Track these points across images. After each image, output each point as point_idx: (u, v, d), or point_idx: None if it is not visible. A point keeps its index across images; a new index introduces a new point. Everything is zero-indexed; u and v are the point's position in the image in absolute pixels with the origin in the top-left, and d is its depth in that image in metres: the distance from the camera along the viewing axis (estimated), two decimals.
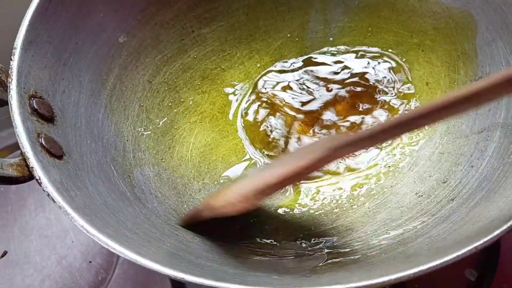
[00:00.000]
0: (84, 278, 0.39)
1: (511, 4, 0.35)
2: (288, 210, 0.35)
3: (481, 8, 0.37)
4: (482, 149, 0.32)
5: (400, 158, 0.36)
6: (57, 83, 0.33)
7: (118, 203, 0.30)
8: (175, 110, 0.40)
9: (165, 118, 0.39)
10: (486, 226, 0.25)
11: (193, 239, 0.31)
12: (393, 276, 0.23)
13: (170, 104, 0.40)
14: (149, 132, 0.38)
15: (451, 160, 0.34)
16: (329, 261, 0.29)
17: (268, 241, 0.32)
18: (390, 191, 0.34)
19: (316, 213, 0.34)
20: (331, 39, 0.42)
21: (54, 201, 0.26)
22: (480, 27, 0.37)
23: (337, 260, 0.29)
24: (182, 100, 0.40)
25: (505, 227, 0.23)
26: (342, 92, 0.39)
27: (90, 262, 0.39)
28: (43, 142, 0.29)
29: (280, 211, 0.35)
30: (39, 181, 0.27)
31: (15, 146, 0.36)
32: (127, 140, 0.36)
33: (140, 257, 0.24)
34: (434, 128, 0.36)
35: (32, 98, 0.30)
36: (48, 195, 0.26)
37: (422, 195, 0.33)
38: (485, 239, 0.23)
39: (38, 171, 0.27)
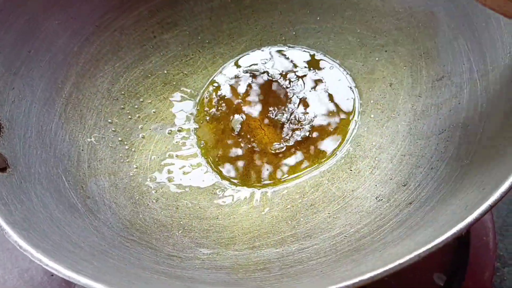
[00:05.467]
0: None
1: (473, 0, 0.34)
2: (248, 216, 0.34)
3: (443, 5, 0.36)
4: (442, 150, 0.31)
5: (362, 161, 0.35)
6: (6, 93, 0.32)
7: (65, 216, 0.29)
8: (135, 117, 0.39)
9: (125, 126, 0.38)
10: (437, 231, 0.24)
11: (145, 251, 0.30)
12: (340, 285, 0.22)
13: (129, 111, 0.39)
14: (107, 140, 0.37)
15: (412, 163, 0.33)
16: (283, 271, 0.28)
17: (223, 251, 0.31)
18: (351, 195, 0.33)
19: (276, 219, 0.33)
20: (296, 40, 0.42)
21: None
22: (441, 25, 0.36)
23: (291, 269, 0.28)
24: (142, 107, 0.39)
25: (450, 233, 0.22)
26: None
27: (52, 275, 0.39)
28: None
29: (238, 217, 0.34)
30: None
31: None
32: (82, 150, 0.35)
33: (74, 273, 0.23)
34: (396, 130, 0.35)
35: None
36: None
37: (382, 199, 0.32)
38: (429, 246, 0.22)
39: None
